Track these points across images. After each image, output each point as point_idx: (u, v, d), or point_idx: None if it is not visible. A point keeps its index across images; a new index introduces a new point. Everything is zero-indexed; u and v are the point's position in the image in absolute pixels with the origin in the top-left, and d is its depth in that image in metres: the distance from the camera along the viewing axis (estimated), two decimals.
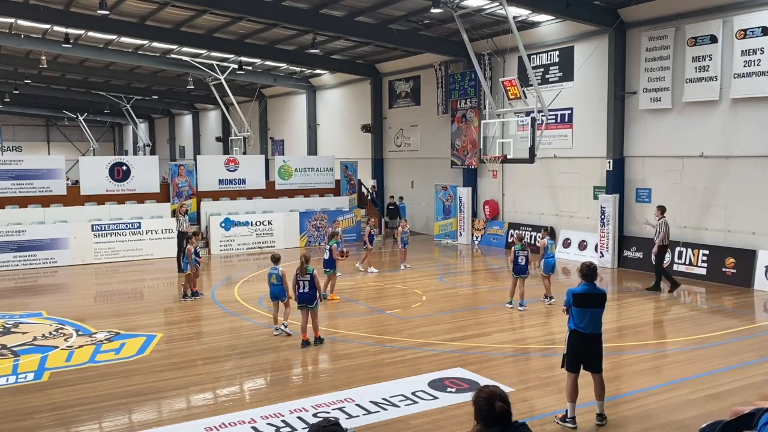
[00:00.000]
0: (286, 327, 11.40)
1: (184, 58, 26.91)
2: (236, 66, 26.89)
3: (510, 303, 13.33)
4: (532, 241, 19.62)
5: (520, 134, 17.87)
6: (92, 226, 19.78)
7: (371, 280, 16.72)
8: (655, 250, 14.81)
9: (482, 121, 18.50)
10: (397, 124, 27.33)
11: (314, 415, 7.72)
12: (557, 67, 20.02)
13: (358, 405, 8.06)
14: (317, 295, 10.66)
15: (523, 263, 13.08)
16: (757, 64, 14.87)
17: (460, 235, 23.27)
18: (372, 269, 17.57)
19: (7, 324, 12.36)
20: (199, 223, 22.40)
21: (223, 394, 8.68)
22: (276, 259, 11.62)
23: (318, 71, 30.20)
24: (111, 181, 21.39)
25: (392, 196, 25.73)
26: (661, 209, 14.97)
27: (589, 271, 7.44)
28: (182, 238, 17.62)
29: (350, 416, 7.71)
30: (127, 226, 20.18)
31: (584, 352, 7.35)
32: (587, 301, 7.30)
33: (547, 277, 13.73)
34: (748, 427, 2.65)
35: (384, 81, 27.83)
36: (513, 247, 13.45)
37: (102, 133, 54.44)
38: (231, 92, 28.97)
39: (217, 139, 40.92)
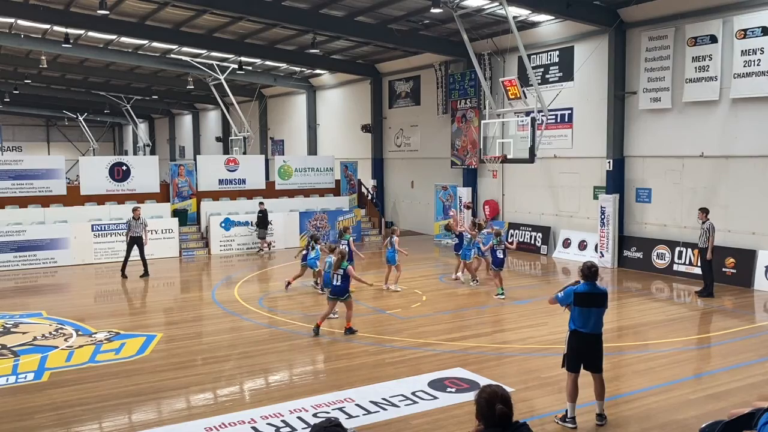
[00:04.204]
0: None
1: (184, 58, 26.91)
2: (236, 66, 26.89)
3: (502, 293, 14.02)
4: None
5: (520, 134, 17.84)
6: (92, 226, 19.78)
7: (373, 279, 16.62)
8: (708, 256, 14.11)
9: (482, 121, 18.50)
10: (397, 124, 27.33)
11: (314, 415, 7.72)
12: (557, 67, 20.03)
13: (358, 405, 8.06)
14: (348, 288, 11.30)
15: (501, 256, 13.96)
16: (757, 64, 14.87)
17: None
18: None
19: (7, 324, 12.36)
20: (199, 223, 22.41)
21: (223, 394, 8.68)
22: (332, 249, 12.22)
23: (318, 71, 30.20)
24: (111, 181, 21.39)
25: (261, 203, 21.82)
26: (705, 211, 14.37)
27: (589, 272, 7.41)
28: (133, 243, 17.13)
29: (350, 416, 7.71)
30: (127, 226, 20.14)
31: (585, 352, 7.35)
32: (588, 301, 7.29)
33: (466, 263, 15.35)
34: (747, 427, 2.65)
35: (384, 81, 27.83)
36: (491, 242, 14.28)
37: (102, 133, 54.44)
38: (231, 92, 28.97)
39: (217, 139, 40.93)
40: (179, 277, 18.42)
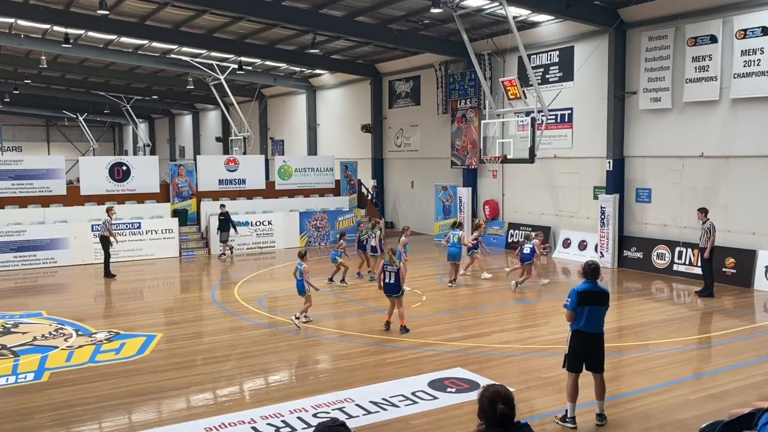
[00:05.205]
0: (297, 319, 11.84)
1: (184, 58, 26.91)
2: (236, 66, 26.89)
3: (514, 284, 15.03)
4: None
5: (520, 134, 17.84)
6: (92, 226, 19.75)
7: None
8: (706, 255, 14.09)
9: (482, 121, 18.50)
10: (397, 124, 27.33)
11: (314, 415, 7.72)
12: (557, 67, 20.02)
13: (358, 405, 8.06)
14: (401, 285, 11.40)
15: (527, 252, 14.89)
16: (757, 64, 14.87)
17: None
18: (486, 274, 16.51)
19: (7, 324, 12.36)
20: (199, 223, 22.40)
21: (223, 394, 8.68)
22: (301, 255, 12.20)
23: (318, 71, 30.20)
24: (111, 181, 21.38)
25: (223, 205, 21.18)
26: (704, 211, 14.37)
27: (590, 270, 7.42)
28: (106, 243, 17.27)
29: (350, 416, 7.71)
30: (127, 226, 20.17)
31: (586, 351, 7.33)
32: (590, 299, 7.29)
33: (453, 264, 15.63)
34: (748, 427, 2.65)
35: (384, 81, 27.83)
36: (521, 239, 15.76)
37: (102, 133, 54.44)
38: (231, 92, 28.96)
39: (217, 139, 40.93)
40: (179, 277, 18.42)
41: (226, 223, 20.68)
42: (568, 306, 7.37)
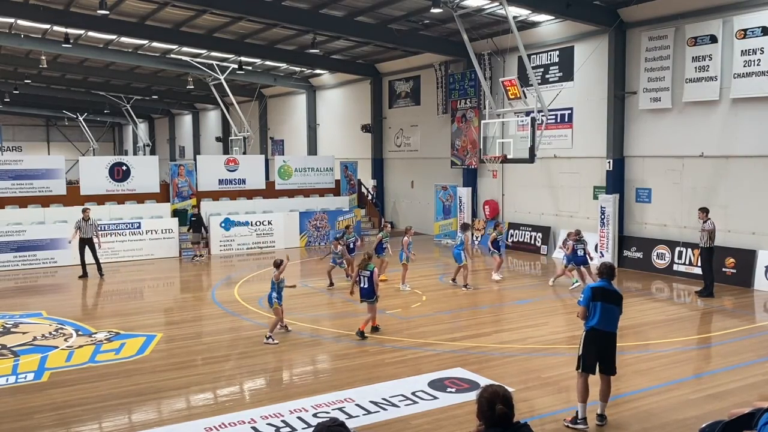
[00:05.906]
0: (269, 339, 10.89)
1: (184, 58, 26.91)
2: (236, 66, 26.89)
3: (575, 282, 15.03)
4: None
5: (520, 134, 17.86)
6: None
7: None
8: (704, 243, 14.22)
9: (482, 121, 18.50)
10: (397, 124, 27.33)
11: (314, 415, 7.72)
12: (557, 67, 20.02)
13: (358, 405, 8.06)
14: (375, 290, 11.03)
15: (581, 254, 14.80)
16: (757, 64, 14.87)
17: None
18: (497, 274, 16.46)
19: (7, 324, 12.35)
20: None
21: (223, 394, 8.68)
22: (276, 264, 11.25)
23: (318, 71, 30.20)
24: (111, 181, 21.38)
25: (194, 206, 21.38)
26: (705, 211, 14.39)
27: (606, 269, 7.63)
28: (84, 245, 17.17)
29: (350, 416, 7.71)
30: (127, 226, 20.18)
31: (601, 351, 7.34)
32: (604, 296, 7.37)
33: (460, 266, 15.39)
34: (748, 427, 2.65)
35: (384, 81, 27.83)
36: (570, 240, 15.11)
37: (102, 133, 54.44)
38: (231, 92, 28.97)
39: (217, 139, 40.94)
40: (179, 277, 18.42)
41: (198, 224, 20.42)
42: (582, 302, 7.52)
